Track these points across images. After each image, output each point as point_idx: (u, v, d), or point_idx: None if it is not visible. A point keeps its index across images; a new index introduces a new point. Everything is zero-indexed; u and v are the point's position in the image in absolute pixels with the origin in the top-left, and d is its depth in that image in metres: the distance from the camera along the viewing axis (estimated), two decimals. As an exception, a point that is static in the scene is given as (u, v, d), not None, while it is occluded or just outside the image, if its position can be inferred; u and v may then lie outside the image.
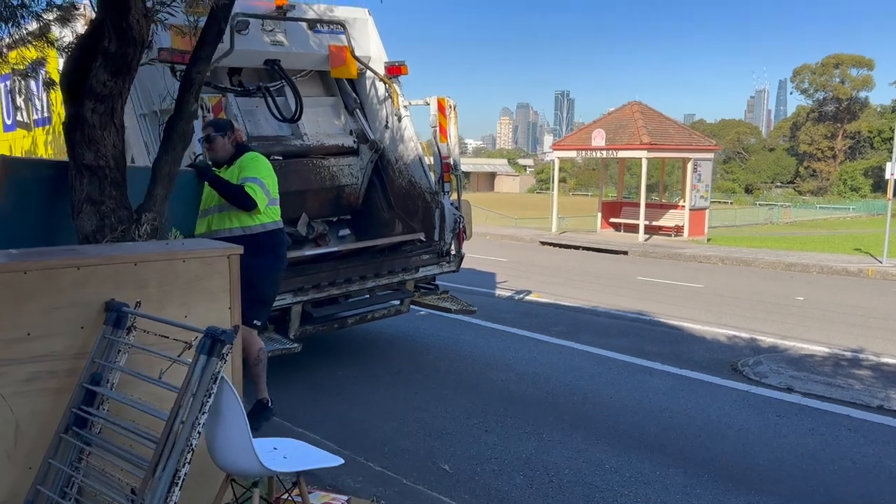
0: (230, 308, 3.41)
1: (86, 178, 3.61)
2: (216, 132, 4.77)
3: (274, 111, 7.01)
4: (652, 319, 9.22)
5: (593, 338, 8.04)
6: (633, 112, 20.78)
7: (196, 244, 3.50)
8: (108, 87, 3.37)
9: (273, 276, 4.89)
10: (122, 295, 3.09)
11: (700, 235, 20.74)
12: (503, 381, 6.44)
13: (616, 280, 13.09)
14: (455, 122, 7.52)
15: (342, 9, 7.74)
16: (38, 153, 8.43)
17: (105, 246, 3.52)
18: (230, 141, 4.78)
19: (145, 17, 3.24)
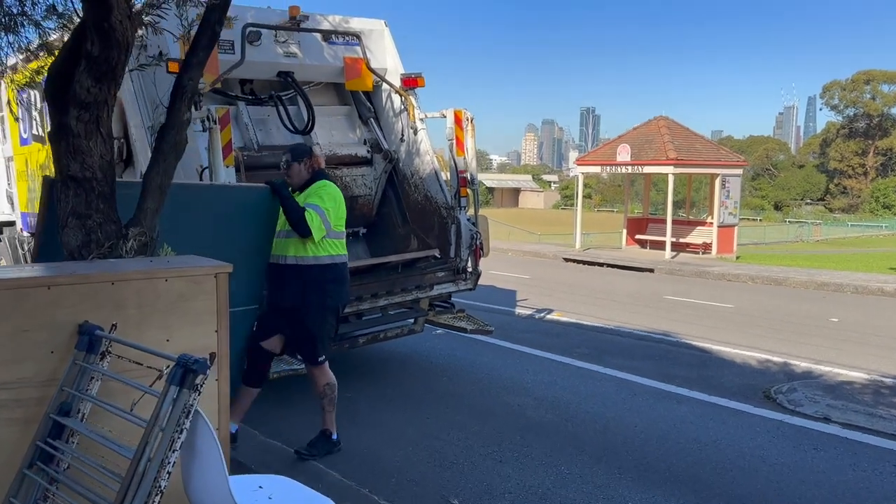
0: (217, 331, 3.14)
1: (71, 191, 3.40)
2: (293, 159, 4.78)
3: (286, 122, 6.82)
4: (679, 341, 8.82)
5: (617, 360, 7.67)
6: (660, 127, 20.38)
7: (182, 261, 3.25)
8: (92, 94, 3.15)
9: (322, 313, 4.76)
10: (97, 316, 2.84)
11: (729, 253, 20.21)
12: (520, 406, 6.11)
13: (642, 299, 12.68)
14: (472, 135, 7.26)
15: (358, 20, 7.56)
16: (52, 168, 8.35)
17: (80, 263, 3.28)
18: (306, 167, 4.77)
19: (129, 18, 3.02)
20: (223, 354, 3.17)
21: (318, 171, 4.86)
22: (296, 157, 4.80)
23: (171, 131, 3.51)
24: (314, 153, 4.93)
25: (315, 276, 4.64)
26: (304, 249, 4.64)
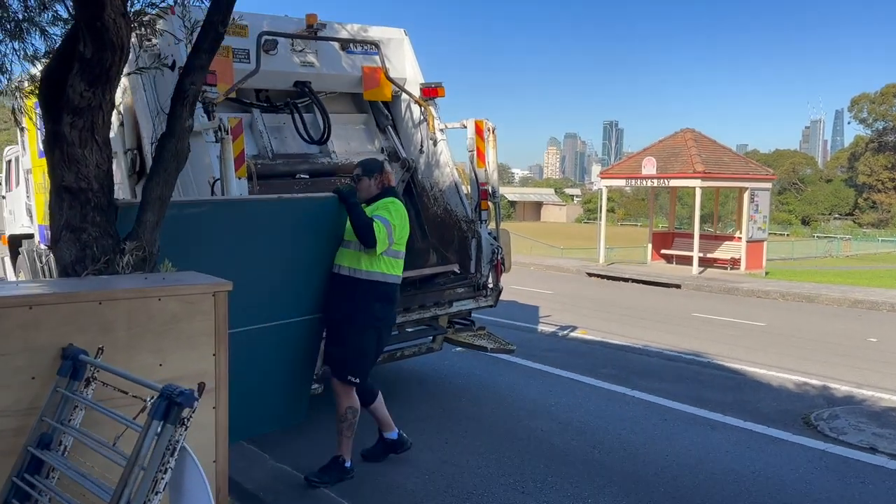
0: (215, 355, 2.89)
1: (65, 202, 3.19)
2: (364, 173, 4.71)
3: (301, 132, 6.63)
4: (711, 362, 8.44)
5: (646, 382, 7.32)
6: (686, 139, 19.97)
7: (177, 279, 3.01)
8: (85, 99, 2.94)
9: (367, 330, 4.59)
10: (82, 339, 2.60)
11: (758, 269, 19.68)
12: (544, 431, 5.78)
13: (669, 316, 12.28)
14: (494, 146, 7.00)
15: (377, 28, 7.35)
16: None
17: (66, 281, 3.06)
18: (376, 183, 4.69)
19: (124, 17, 2.80)
20: (222, 380, 2.92)
21: (388, 187, 4.76)
22: (367, 172, 4.71)
23: (172, 139, 3.30)
24: (385, 169, 4.85)
25: (364, 292, 4.49)
26: (359, 262, 4.49)
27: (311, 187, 6.65)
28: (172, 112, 3.29)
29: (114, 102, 3.25)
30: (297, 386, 4.64)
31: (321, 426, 5.61)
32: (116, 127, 6.81)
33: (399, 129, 7.42)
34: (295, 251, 4.28)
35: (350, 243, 4.51)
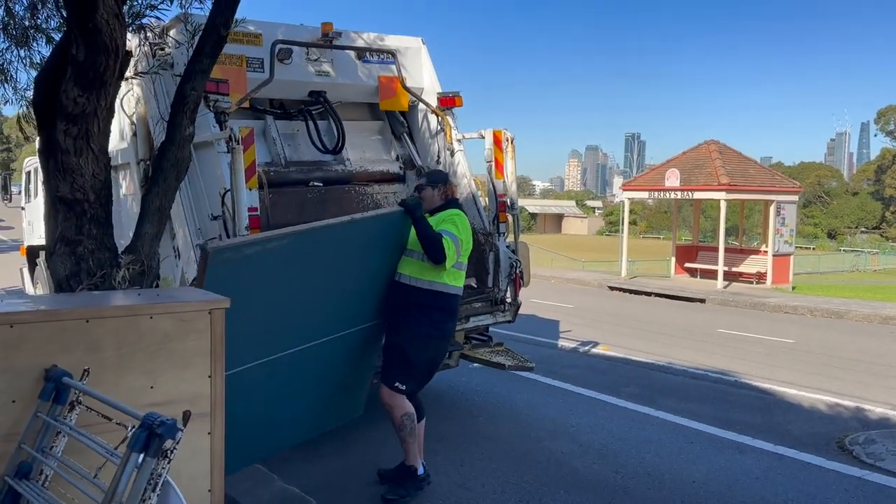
0: (211, 377, 2.71)
1: (60, 214, 3.05)
2: (427, 183, 4.67)
3: (315, 140, 6.49)
4: (738, 381, 8.12)
5: (671, 402, 7.03)
6: (710, 151, 19.62)
7: (171, 295, 2.84)
8: (79, 105, 2.80)
9: (423, 341, 4.46)
10: (68, 360, 2.43)
11: (784, 283, 19.24)
12: (564, 454, 5.53)
13: (694, 332, 11.95)
14: (512, 157, 6.79)
15: (394, 37, 7.21)
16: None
17: (52, 297, 2.91)
18: (440, 194, 4.62)
19: (118, 19, 2.66)
20: (217, 403, 2.74)
21: (452, 199, 4.69)
22: (431, 182, 4.66)
23: (172, 147, 3.15)
24: (449, 180, 4.78)
25: (424, 302, 4.40)
26: (421, 272, 4.39)
27: (325, 195, 6.51)
28: (172, 119, 3.14)
29: (113, 109, 3.11)
30: (360, 384, 4.77)
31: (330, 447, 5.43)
32: (129, 137, 6.72)
33: (415, 139, 7.26)
34: (364, 265, 4.34)
35: (413, 252, 4.43)
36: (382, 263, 4.45)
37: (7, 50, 4.18)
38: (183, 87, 3.17)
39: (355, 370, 4.61)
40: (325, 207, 6.54)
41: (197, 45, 3.17)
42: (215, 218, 5.63)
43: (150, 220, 3.19)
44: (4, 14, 4.18)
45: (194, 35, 3.62)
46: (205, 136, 5.75)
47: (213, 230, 5.67)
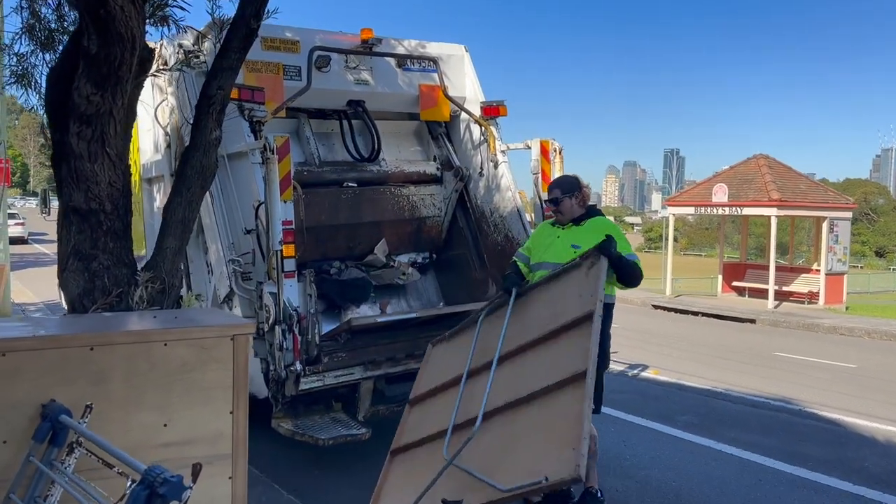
0: (233, 413, 2.37)
1: (74, 226, 2.76)
2: (563, 194, 4.38)
3: (350, 147, 6.23)
4: (802, 410, 7.54)
5: (732, 433, 6.50)
6: (760, 166, 18.91)
7: (191, 318, 2.52)
8: (93, 104, 2.51)
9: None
10: (69, 393, 2.11)
11: (837, 303, 18.39)
12: (619, 491, 5.07)
13: (748, 355, 11.32)
14: (561, 168, 6.41)
15: (436, 44, 6.91)
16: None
17: (53, 320, 2.60)
18: (578, 202, 4.37)
19: (133, 5, 2.36)
20: (240, 443, 2.39)
21: (592, 205, 4.48)
22: (567, 192, 4.38)
23: (196, 153, 2.84)
24: (583, 184, 4.49)
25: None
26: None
27: (359, 196, 6.24)
28: (196, 122, 2.84)
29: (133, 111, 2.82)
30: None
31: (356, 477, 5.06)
32: (164, 149, 6.52)
33: (456, 146, 6.95)
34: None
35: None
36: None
37: (32, 54, 3.94)
38: (208, 85, 2.87)
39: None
40: (360, 209, 6.28)
41: (224, 40, 2.88)
42: (248, 232, 5.37)
43: (173, 233, 2.89)
44: (30, 16, 3.95)
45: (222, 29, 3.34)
46: (239, 147, 5.51)
47: (246, 244, 5.41)
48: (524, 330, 3.77)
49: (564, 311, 3.60)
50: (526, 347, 3.67)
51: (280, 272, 4.86)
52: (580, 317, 3.45)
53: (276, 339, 4.83)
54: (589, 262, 3.71)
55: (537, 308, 3.87)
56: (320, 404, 5.37)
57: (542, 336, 3.61)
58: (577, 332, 3.43)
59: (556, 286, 3.89)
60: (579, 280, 3.72)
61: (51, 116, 2.77)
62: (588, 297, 3.50)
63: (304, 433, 4.98)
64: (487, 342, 3.95)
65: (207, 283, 5.96)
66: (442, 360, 4.50)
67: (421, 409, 4.31)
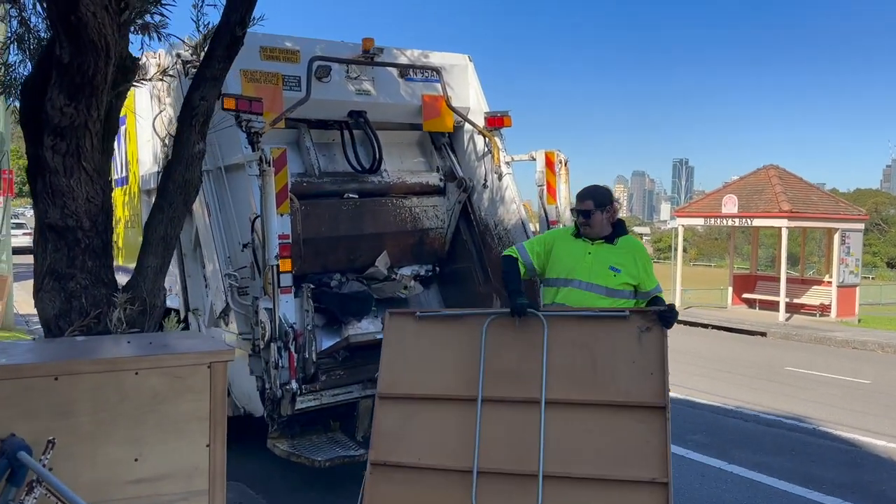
0: (209, 446, 2.21)
1: (50, 243, 2.62)
2: (596, 207, 4.06)
3: (351, 158, 6.09)
4: (816, 429, 7.32)
5: (745, 454, 6.29)
6: (770, 177, 18.69)
7: (165, 344, 2.36)
8: (67, 116, 2.37)
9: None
10: (30, 427, 1.96)
11: (850, 316, 18.12)
12: (627, 516, 4.88)
13: (760, 370, 11.09)
14: (566, 180, 6.25)
15: (439, 54, 6.77)
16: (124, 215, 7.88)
17: (13, 345, 2.45)
18: (608, 216, 4.10)
19: (107, 11, 2.22)
20: (217, 478, 2.23)
21: (619, 221, 4.20)
22: (599, 205, 4.07)
23: (179, 167, 2.70)
24: (613, 198, 4.26)
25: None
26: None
27: (360, 208, 6.09)
28: (179, 134, 2.70)
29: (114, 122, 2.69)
30: None
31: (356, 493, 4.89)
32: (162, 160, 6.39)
33: (459, 157, 6.80)
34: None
35: (597, 287, 3.96)
36: None
37: (21, 63, 3.83)
38: (191, 96, 2.73)
39: None
40: (361, 220, 6.14)
41: (208, 48, 2.74)
42: (245, 246, 5.24)
43: (154, 251, 2.75)
44: (19, 25, 3.84)
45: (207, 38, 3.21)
46: (236, 158, 5.38)
47: (243, 259, 5.27)
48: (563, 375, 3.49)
49: (618, 376, 3.38)
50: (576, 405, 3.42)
51: (276, 287, 4.72)
52: (649, 405, 3.27)
53: (271, 357, 4.69)
54: (644, 325, 3.44)
55: (573, 351, 3.56)
56: (317, 424, 5.21)
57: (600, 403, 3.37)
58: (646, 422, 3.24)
59: (597, 333, 3.57)
60: (629, 341, 3.45)
61: (25, 129, 2.64)
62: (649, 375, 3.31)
63: (300, 454, 4.83)
64: (499, 362, 3.64)
65: (205, 298, 5.83)
66: (418, 349, 3.96)
67: (403, 413, 3.79)
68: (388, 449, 3.64)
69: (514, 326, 3.67)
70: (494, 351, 3.66)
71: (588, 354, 3.48)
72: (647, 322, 3.44)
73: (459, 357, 3.71)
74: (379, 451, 3.64)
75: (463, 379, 3.62)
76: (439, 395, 3.71)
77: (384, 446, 3.66)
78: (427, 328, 3.96)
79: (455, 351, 3.75)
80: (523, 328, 3.65)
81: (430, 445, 3.64)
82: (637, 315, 3.54)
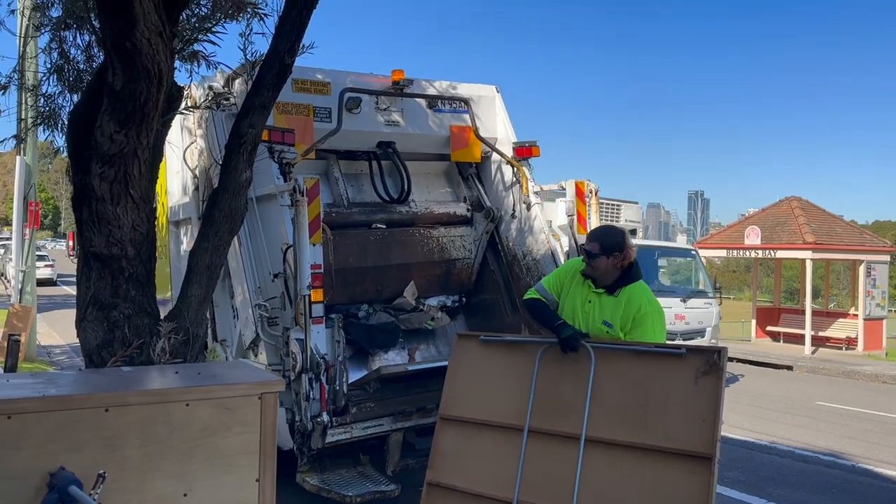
0: (259, 481, 2.14)
1: (94, 272, 2.59)
2: (602, 251, 3.85)
3: (379, 189, 6.09)
4: (855, 466, 7.10)
5: (783, 491, 6.10)
6: (793, 208, 18.52)
7: (215, 374, 2.31)
8: (117, 143, 2.36)
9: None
10: (79, 461, 1.90)
11: (877, 349, 17.76)
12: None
13: (789, 404, 10.84)
14: (596, 210, 6.20)
15: (467, 86, 6.82)
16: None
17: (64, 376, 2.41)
18: (615, 262, 3.87)
19: (161, 38, 2.22)
20: (267, 515, 2.16)
21: (631, 265, 3.94)
22: (606, 250, 3.86)
23: (226, 195, 2.68)
24: (627, 245, 3.96)
25: None
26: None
27: (388, 238, 6.09)
28: (226, 163, 2.69)
29: (160, 151, 2.68)
30: None
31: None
32: (192, 191, 6.43)
33: (487, 188, 6.78)
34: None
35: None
36: None
37: (59, 94, 3.86)
38: (239, 124, 2.72)
39: None
40: (388, 251, 6.11)
41: (257, 76, 2.74)
42: (276, 276, 5.21)
43: (198, 280, 2.72)
44: (59, 57, 3.88)
45: (254, 66, 3.21)
46: (268, 189, 5.39)
47: (273, 289, 5.24)
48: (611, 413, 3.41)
49: (667, 420, 3.26)
50: (620, 446, 3.33)
51: (308, 318, 4.67)
52: (696, 454, 3.14)
53: (302, 389, 4.62)
54: (703, 368, 3.30)
55: (624, 388, 3.47)
56: (347, 457, 5.12)
57: (646, 447, 3.26)
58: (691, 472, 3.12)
59: (651, 371, 3.47)
60: (685, 383, 3.33)
61: (72, 157, 2.64)
62: (700, 422, 3.16)
63: (330, 489, 4.73)
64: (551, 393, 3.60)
65: (233, 329, 5.79)
66: (480, 373, 4.03)
67: (462, 436, 3.90)
68: (444, 471, 3.74)
69: (569, 358, 3.63)
70: (546, 381, 3.64)
71: (642, 393, 3.38)
72: (705, 364, 3.30)
73: (514, 384, 3.73)
74: (436, 471, 3.76)
75: (515, 407, 3.63)
76: (494, 421, 3.74)
77: (441, 467, 3.76)
78: (489, 352, 4.02)
79: (511, 378, 3.77)
80: (577, 357, 3.60)
81: (482, 472, 3.67)
82: (695, 355, 3.41)
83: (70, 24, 3.65)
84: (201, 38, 2.93)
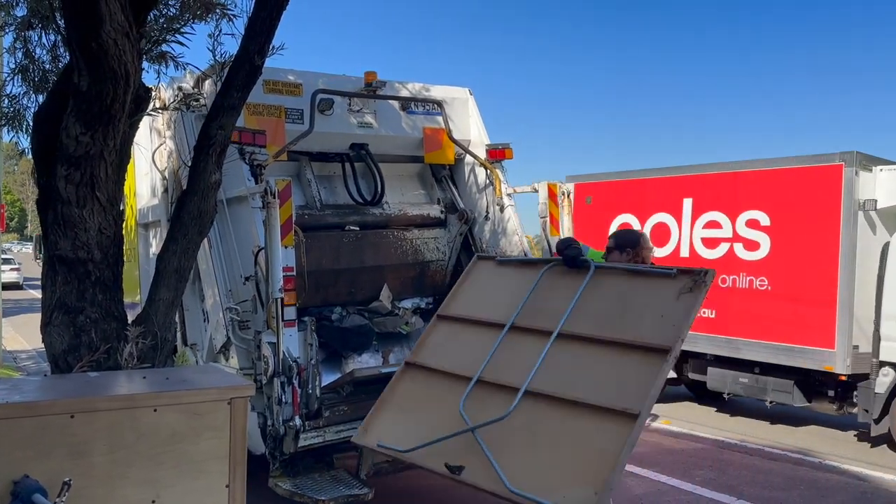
0: (229, 486, 2.12)
1: (59, 276, 2.55)
2: (616, 246, 4.12)
3: (352, 190, 6.07)
4: (823, 463, 7.22)
5: (755, 490, 6.18)
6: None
7: (184, 379, 2.28)
8: (83, 145, 2.32)
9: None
10: (44, 468, 1.86)
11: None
12: (640, 555, 4.76)
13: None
14: (569, 212, 6.26)
15: (440, 87, 6.84)
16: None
17: (27, 381, 2.36)
18: (627, 258, 4.03)
19: (128, 38, 2.18)
20: (237, 521, 2.13)
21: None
22: (619, 245, 4.10)
23: (195, 197, 2.65)
24: (642, 244, 4.11)
25: None
26: None
27: (361, 240, 6.08)
28: (195, 165, 2.66)
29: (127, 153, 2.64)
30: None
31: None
32: (161, 194, 6.35)
33: (461, 190, 6.80)
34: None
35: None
36: None
37: (24, 95, 3.79)
38: (208, 125, 2.69)
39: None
40: (362, 253, 6.10)
41: (226, 77, 2.71)
42: (247, 279, 5.17)
43: (167, 283, 2.68)
44: (23, 57, 3.81)
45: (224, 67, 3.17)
46: (239, 191, 5.34)
47: (244, 292, 5.20)
48: (590, 316, 3.58)
49: (640, 324, 3.40)
50: (589, 340, 3.51)
51: (280, 321, 4.64)
52: (656, 347, 3.25)
53: (274, 393, 4.59)
54: (687, 285, 3.42)
55: (610, 299, 3.65)
56: (320, 461, 5.08)
57: (612, 340, 3.43)
58: (646, 363, 3.25)
59: (639, 286, 3.64)
60: (667, 297, 3.45)
61: (37, 159, 2.59)
62: (670, 326, 3.28)
63: (303, 493, 4.70)
64: (543, 301, 3.83)
65: (203, 332, 5.72)
66: (487, 285, 4.39)
67: (449, 331, 4.26)
68: (423, 354, 4.15)
69: (571, 275, 3.85)
70: (543, 291, 3.89)
71: (622, 304, 3.56)
72: (693, 282, 3.41)
73: (513, 294, 4.01)
74: (416, 354, 4.20)
75: (508, 311, 3.89)
76: (482, 319, 4.04)
77: (421, 353, 4.17)
78: (501, 271, 4.42)
79: (512, 289, 4.07)
80: (576, 277, 3.79)
81: (456, 356, 3.95)
82: (685, 276, 3.52)
83: (35, 23, 3.58)
84: (170, 38, 2.89)
